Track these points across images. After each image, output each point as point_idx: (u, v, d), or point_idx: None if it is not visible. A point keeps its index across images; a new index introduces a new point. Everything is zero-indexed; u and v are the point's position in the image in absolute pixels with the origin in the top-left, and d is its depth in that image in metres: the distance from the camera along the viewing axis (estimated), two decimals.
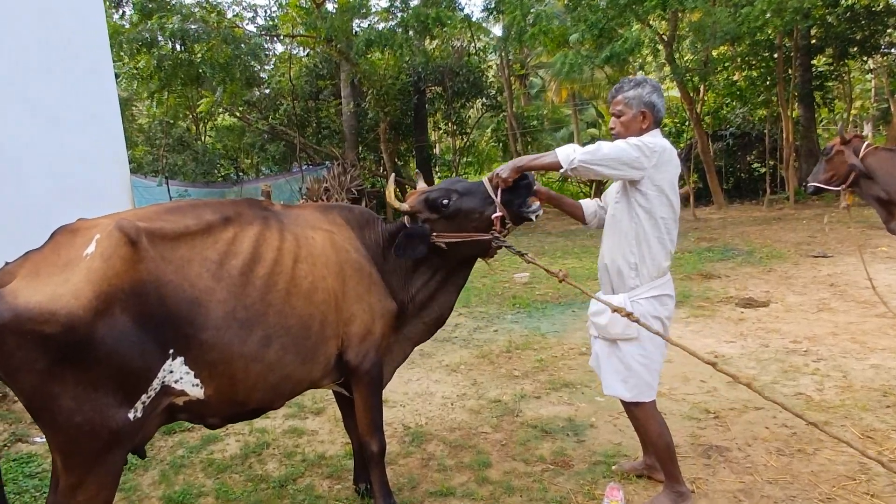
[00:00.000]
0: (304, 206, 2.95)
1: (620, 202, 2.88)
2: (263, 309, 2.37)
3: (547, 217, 17.84)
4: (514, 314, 7.22)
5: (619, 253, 2.88)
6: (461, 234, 2.85)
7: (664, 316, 2.86)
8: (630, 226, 2.83)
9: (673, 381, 4.71)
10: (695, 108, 15.84)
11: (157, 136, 19.29)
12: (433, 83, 20.52)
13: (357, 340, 2.76)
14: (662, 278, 2.85)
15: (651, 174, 2.70)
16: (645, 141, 2.69)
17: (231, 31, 14.90)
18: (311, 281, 2.54)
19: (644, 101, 2.85)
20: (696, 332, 5.97)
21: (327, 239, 2.73)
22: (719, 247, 10.70)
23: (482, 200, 2.88)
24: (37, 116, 6.61)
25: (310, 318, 2.53)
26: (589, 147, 2.68)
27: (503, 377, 5.10)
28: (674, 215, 2.83)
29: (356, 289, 2.74)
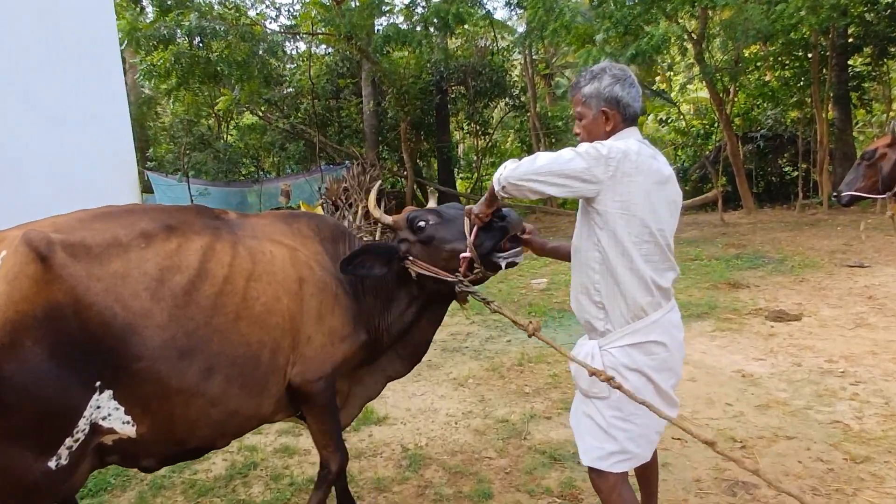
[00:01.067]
0: (266, 216, 2.64)
1: (580, 226, 2.32)
2: (208, 335, 2.08)
3: (569, 220, 17.45)
4: None
5: (581, 291, 2.32)
6: (428, 267, 2.55)
7: (649, 367, 2.22)
8: (591, 255, 2.25)
9: (696, 404, 4.34)
10: (724, 109, 15.30)
11: (179, 135, 19.27)
12: (455, 82, 20.20)
13: (307, 362, 2.43)
14: (643, 320, 2.21)
15: (610, 187, 2.10)
16: (601, 145, 2.13)
17: (250, 28, 14.75)
18: (264, 303, 2.26)
19: (604, 96, 2.27)
20: (723, 348, 5.59)
21: (288, 255, 2.43)
22: (748, 254, 10.22)
23: (457, 234, 2.55)
24: (38, 115, 6.47)
25: (260, 346, 2.24)
26: (524, 160, 2.18)
27: (513, 394, 4.78)
28: (651, 234, 2.18)
29: (317, 309, 2.45)
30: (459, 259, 2.48)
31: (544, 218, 18.01)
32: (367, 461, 3.82)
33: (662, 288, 2.24)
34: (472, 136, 23.37)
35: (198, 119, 20.34)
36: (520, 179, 2.13)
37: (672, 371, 2.31)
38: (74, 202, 5.95)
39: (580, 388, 2.35)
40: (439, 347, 6.07)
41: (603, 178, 2.09)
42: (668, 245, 2.25)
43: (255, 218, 2.57)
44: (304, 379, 2.42)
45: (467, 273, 2.49)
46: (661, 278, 2.23)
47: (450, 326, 6.87)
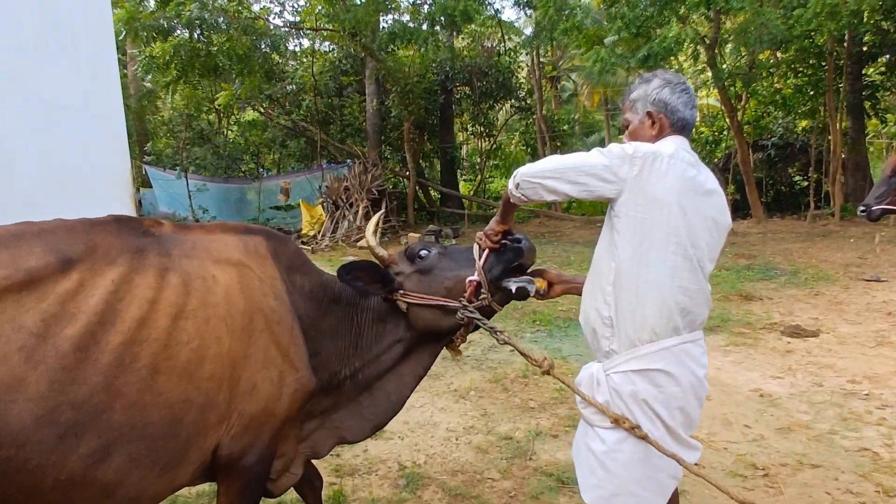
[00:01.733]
0: (214, 228, 2.11)
1: (603, 232, 2.10)
2: (108, 402, 1.61)
3: (573, 224, 17.19)
4: (534, 332, 6.61)
5: (591, 304, 2.06)
6: (425, 296, 2.23)
7: (656, 400, 1.93)
8: (607, 264, 2.00)
9: (713, 425, 4.07)
10: (735, 116, 15.03)
11: (179, 129, 19.03)
12: (461, 83, 19.96)
13: (252, 424, 1.92)
14: (651, 344, 1.94)
15: (634, 188, 1.88)
16: (627, 144, 1.95)
17: (252, 22, 14.49)
18: (196, 347, 1.76)
19: (651, 98, 2.10)
20: (738, 364, 5.31)
21: (236, 277, 1.93)
22: (759, 265, 9.95)
23: (465, 262, 2.28)
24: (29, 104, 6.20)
25: (185, 407, 1.74)
26: (543, 160, 2.03)
27: (517, 408, 4.51)
28: (679, 247, 1.91)
29: (267, 350, 1.93)
30: (465, 285, 2.19)
31: (548, 223, 17.75)
32: (360, 479, 3.54)
33: (687, 312, 1.94)
34: (476, 138, 23.14)
35: (198, 114, 20.10)
36: (536, 176, 1.95)
37: (683, 412, 1.98)
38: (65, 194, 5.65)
39: (582, 414, 2.10)
40: (440, 356, 5.78)
41: (626, 177, 1.87)
42: (702, 265, 1.95)
43: (200, 231, 2.04)
44: (240, 445, 1.91)
45: (472, 298, 2.18)
46: (689, 301, 1.94)
47: None
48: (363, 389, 2.33)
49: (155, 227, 1.95)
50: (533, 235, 15.86)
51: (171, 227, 2.00)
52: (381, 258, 2.36)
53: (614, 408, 1.96)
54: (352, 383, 2.29)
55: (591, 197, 1.94)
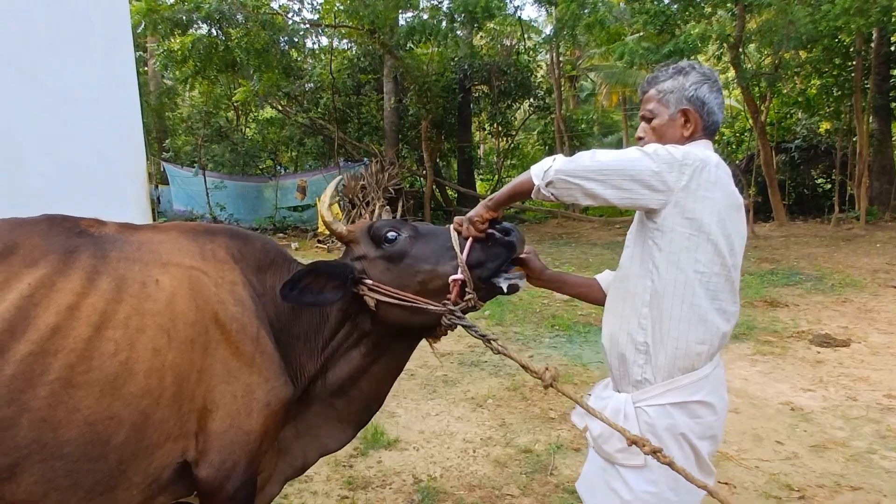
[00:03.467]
0: (168, 228, 1.92)
1: (632, 246, 1.89)
2: (12, 417, 1.46)
3: (592, 226, 16.97)
4: (553, 337, 6.45)
5: (621, 326, 1.86)
6: (399, 294, 1.91)
7: (693, 434, 1.76)
8: (642, 283, 1.80)
9: (742, 441, 3.89)
10: (759, 117, 14.72)
11: (197, 126, 19.06)
12: (479, 82, 19.81)
13: (219, 444, 1.74)
14: (692, 373, 1.77)
15: (681, 200, 1.69)
16: (674, 148, 1.74)
17: (270, 17, 14.43)
18: (124, 360, 1.58)
19: (688, 94, 1.88)
20: (766, 375, 5.11)
21: (186, 283, 1.74)
22: (784, 269, 9.70)
23: (441, 251, 1.95)
24: (42, 96, 6.13)
25: (110, 425, 1.57)
26: (579, 154, 1.78)
27: (536, 419, 4.35)
28: (723, 266, 1.74)
29: (226, 363, 1.74)
30: (446, 283, 1.90)
31: (565, 223, 17.55)
32: (374, 493, 3.41)
33: (724, 336, 1.80)
34: (493, 137, 22.99)
35: (216, 111, 20.12)
36: (575, 176, 1.71)
37: (714, 439, 1.85)
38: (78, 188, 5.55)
39: (603, 452, 1.85)
40: (456, 360, 5.66)
41: (674, 186, 1.67)
42: (737, 286, 1.81)
43: (150, 232, 1.85)
44: (216, 468, 1.74)
45: (458, 300, 1.90)
46: (728, 325, 1.80)
47: (468, 337, 6.40)
48: (336, 391, 2.08)
49: (95, 227, 1.77)
50: (550, 237, 15.71)
51: (116, 227, 1.82)
52: (340, 234, 2.04)
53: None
54: (322, 385, 2.06)
55: (632, 205, 1.73)
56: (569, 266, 10.39)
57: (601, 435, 1.83)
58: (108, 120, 6.78)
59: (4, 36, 5.90)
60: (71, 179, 5.97)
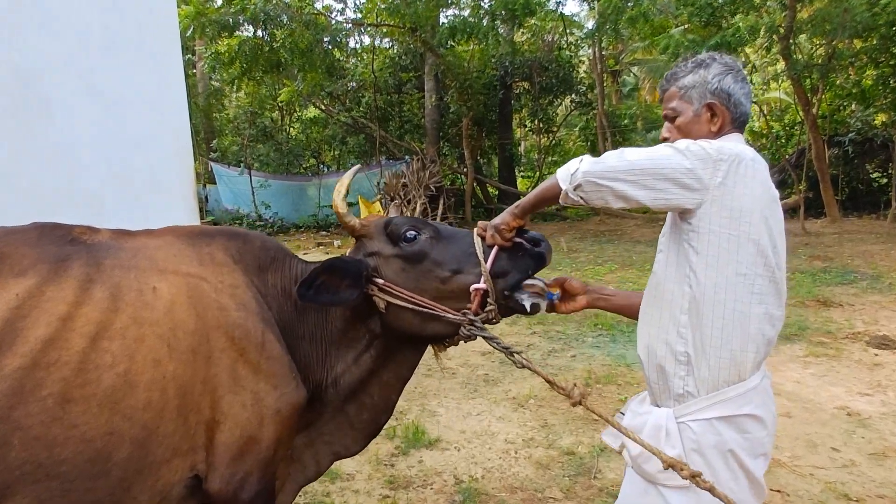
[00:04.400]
0: (164, 234, 1.84)
1: (665, 250, 1.79)
2: (1, 437, 1.38)
3: (635, 223, 16.66)
4: (596, 337, 6.35)
5: (658, 336, 1.75)
6: (415, 297, 1.82)
7: (743, 450, 1.65)
8: (679, 290, 1.70)
9: (795, 447, 3.75)
10: (811, 110, 14.23)
11: (243, 126, 19.44)
12: (520, 78, 19.67)
13: (230, 456, 1.67)
14: (739, 385, 1.66)
15: (718, 198, 1.59)
16: (707, 143, 1.64)
17: (314, 17, 14.60)
18: (123, 372, 1.50)
19: (711, 87, 1.78)
20: (819, 378, 4.93)
21: (185, 290, 1.67)
22: (836, 268, 9.36)
23: (464, 257, 1.85)
24: (95, 100, 6.33)
25: (110, 441, 1.49)
26: (607, 154, 1.67)
27: (579, 420, 4.29)
28: (767, 266, 1.63)
29: (232, 371, 1.67)
30: (467, 291, 1.81)
31: (608, 220, 17.28)
32: (415, 493, 3.41)
33: (770, 343, 1.70)
34: (535, 134, 22.80)
35: (262, 111, 20.47)
36: (605, 177, 1.61)
37: (766, 456, 1.73)
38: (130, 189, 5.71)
39: (643, 472, 1.75)
40: (497, 360, 5.62)
41: (709, 183, 1.58)
42: (783, 287, 1.70)
43: (145, 238, 1.78)
44: (227, 480, 1.67)
45: (478, 311, 1.81)
46: (774, 330, 1.69)
47: (509, 336, 6.41)
48: (347, 397, 2.01)
49: (88, 234, 1.71)
50: (592, 234, 15.48)
51: (110, 234, 1.75)
52: (353, 227, 1.95)
53: (691, 462, 1.64)
54: (334, 391, 1.98)
55: (665, 206, 1.62)
56: (611, 264, 10.22)
57: (641, 454, 1.71)
58: (157, 122, 6.95)
59: (62, 42, 6.10)
60: (123, 181, 6.14)
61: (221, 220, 18.67)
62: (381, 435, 4.10)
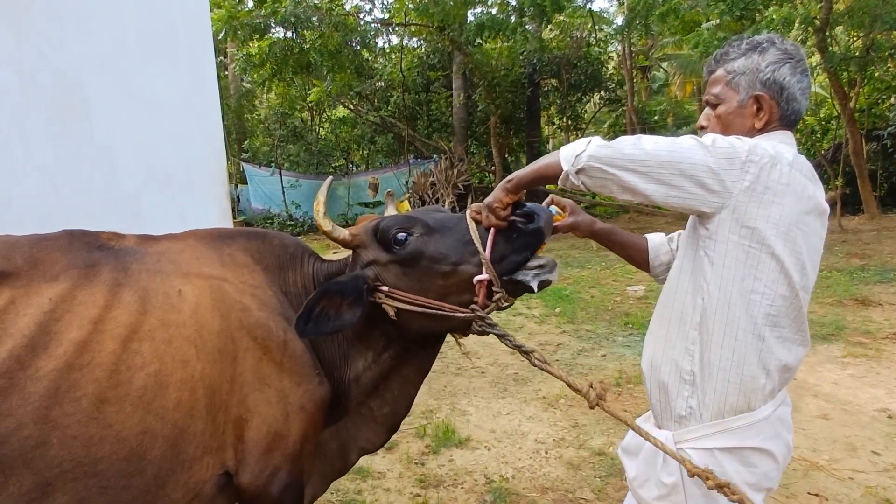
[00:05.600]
0: (186, 237, 1.88)
1: (682, 256, 1.64)
2: (41, 437, 1.41)
3: (665, 220, 16.44)
4: (627, 336, 6.29)
5: (665, 351, 1.64)
6: (420, 299, 1.78)
7: (746, 484, 1.52)
8: (691, 301, 1.57)
9: (833, 449, 3.67)
10: (848, 104, 13.88)
11: (274, 127, 19.69)
12: (548, 75, 19.55)
13: (258, 452, 1.72)
14: (746, 415, 1.53)
15: (740, 205, 1.44)
16: (738, 140, 1.45)
17: (343, 18, 14.73)
18: (155, 372, 1.54)
19: (764, 76, 1.59)
20: (858, 379, 4.81)
21: (208, 292, 1.70)
22: (876, 266, 9.11)
23: (460, 247, 1.77)
24: (132, 102, 6.47)
25: (144, 440, 1.53)
26: (620, 139, 1.49)
27: (610, 420, 4.25)
28: (790, 288, 1.49)
29: (257, 370, 1.71)
30: (472, 284, 1.73)
31: (638, 218, 17.06)
32: (446, 492, 3.42)
33: (788, 369, 1.56)
34: (563, 132, 22.63)
35: (292, 112, 20.69)
36: (612, 164, 1.45)
37: (770, 490, 1.62)
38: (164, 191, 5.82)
39: (639, 496, 1.67)
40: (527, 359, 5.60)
41: (733, 188, 1.42)
42: (805, 309, 1.56)
43: (168, 242, 1.82)
44: (258, 475, 1.72)
45: (486, 303, 1.74)
46: (789, 355, 1.54)
47: (538, 335, 6.39)
48: (369, 393, 2.03)
49: (114, 240, 1.75)
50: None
51: (135, 239, 1.79)
52: (344, 241, 1.86)
53: (688, 494, 1.55)
54: (356, 387, 1.99)
55: (679, 206, 1.46)
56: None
57: (636, 478, 1.66)
58: (191, 124, 7.09)
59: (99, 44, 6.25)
60: (158, 182, 6.28)
61: (253, 220, 18.93)
62: (412, 433, 4.15)
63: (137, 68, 6.60)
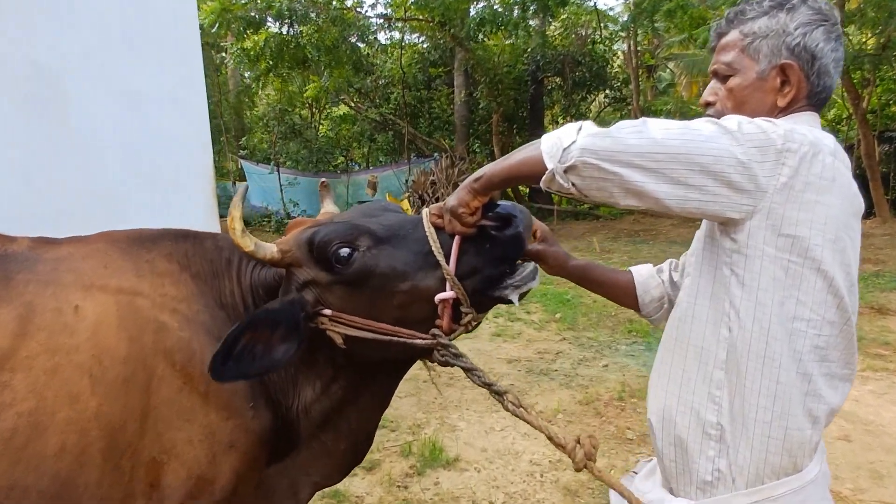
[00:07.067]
0: (95, 241, 1.54)
1: (697, 274, 1.31)
2: None
3: (671, 222, 16.06)
4: (630, 344, 5.96)
5: (681, 397, 1.30)
6: (371, 324, 1.44)
7: None
8: (713, 333, 1.25)
9: (858, 477, 3.34)
10: (860, 104, 13.51)
11: (272, 124, 19.42)
12: (552, 73, 19.22)
13: (178, 500, 1.39)
14: (796, 478, 1.22)
15: (777, 207, 1.13)
16: (769, 123, 1.14)
17: (341, 12, 14.43)
18: (27, 411, 1.22)
19: (791, 42, 1.26)
20: (880, 396, 4.47)
21: (114, 309, 1.38)
22: (891, 272, 8.77)
23: (419, 261, 1.43)
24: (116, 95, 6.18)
25: (11, 496, 1.22)
26: (621, 126, 1.15)
27: (612, 439, 3.93)
28: (841, 310, 1.19)
29: (176, 403, 1.38)
30: (434, 304, 1.42)
31: (643, 219, 16.68)
32: None
33: (832, 413, 1.25)
34: None
35: (291, 108, 20.42)
36: (611, 158, 1.11)
37: None
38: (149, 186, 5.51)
39: None
40: (524, 369, 5.28)
41: (768, 185, 1.11)
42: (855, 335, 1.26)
43: (71, 246, 1.50)
44: None
45: (453, 326, 1.44)
46: (836, 395, 1.24)
47: (537, 342, 6.06)
48: (321, 425, 1.69)
49: (6, 245, 1.43)
50: (626, 234, 14.93)
51: (29, 243, 1.46)
52: (272, 260, 1.49)
53: None
54: (306, 419, 1.65)
55: (696, 212, 1.14)
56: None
57: None
58: (177, 118, 6.77)
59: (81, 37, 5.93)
60: (142, 177, 5.95)
61: (250, 218, 18.67)
62: (396, 451, 3.82)
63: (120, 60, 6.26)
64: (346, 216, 1.63)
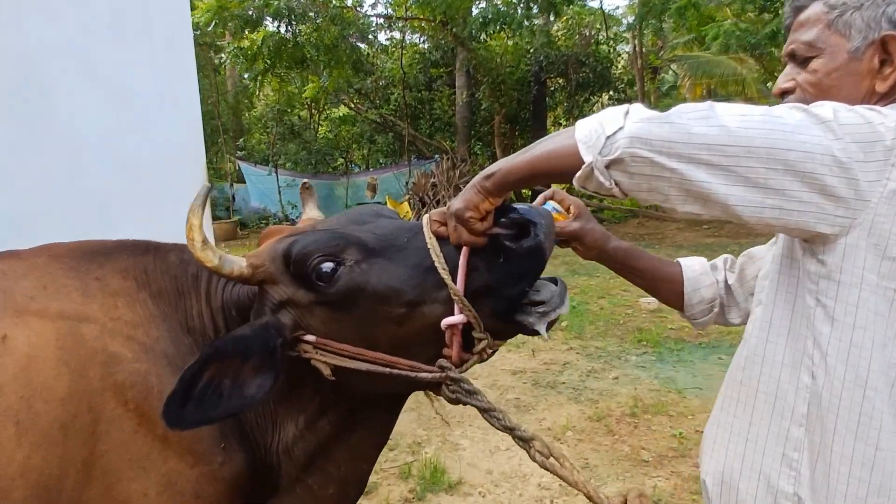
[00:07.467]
0: (30, 256, 1.29)
1: (771, 303, 1.07)
2: None
3: (676, 226, 15.77)
4: (640, 355, 5.70)
5: (747, 459, 1.08)
6: (364, 353, 1.20)
7: None
8: (791, 380, 1.01)
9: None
10: None
11: (271, 124, 19.22)
12: (555, 74, 18.99)
13: None
14: None
15: (881, 221, 0.89)
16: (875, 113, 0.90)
17: (340, 11, 14.21)
18: None
19: (892, 13, 1.02)
20: None
21: (53, 338, 1.15)
22: None
23: (420, 277, 1.18)
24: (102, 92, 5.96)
25: None
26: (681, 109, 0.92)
27: (626, 460, 3.67)
28: None
29: (129, 448, 1.16)
30: (438, 329, 1.18)
31: (647, 223, 16.37)
32: None
33: None
34: None
35: (290, 109, 20.20)
36: (669, 150, 0.87)
37: None
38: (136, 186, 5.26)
39: None
40: (530, 381, 5.02)
41: (871, 192, 0.87)
42: None
43: (4, 263, 1.26)
44: None
45: (464, 356, 1.21)
46: None
47: (543, 352, 5.80)
48: (306, 467, 1.43)
49: None
50: (630, 238, 14.56)
51: None
52: (241, 276, 1.25)
53: None
54: (288, 460, 1.40)
55: (777, 224, 0.91)
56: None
57: None
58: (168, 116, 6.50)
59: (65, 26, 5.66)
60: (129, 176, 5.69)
61: (248, 220, 18.47)
62: (394, 474, 3.56)
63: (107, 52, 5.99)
64: (330, 223, 1.36)
